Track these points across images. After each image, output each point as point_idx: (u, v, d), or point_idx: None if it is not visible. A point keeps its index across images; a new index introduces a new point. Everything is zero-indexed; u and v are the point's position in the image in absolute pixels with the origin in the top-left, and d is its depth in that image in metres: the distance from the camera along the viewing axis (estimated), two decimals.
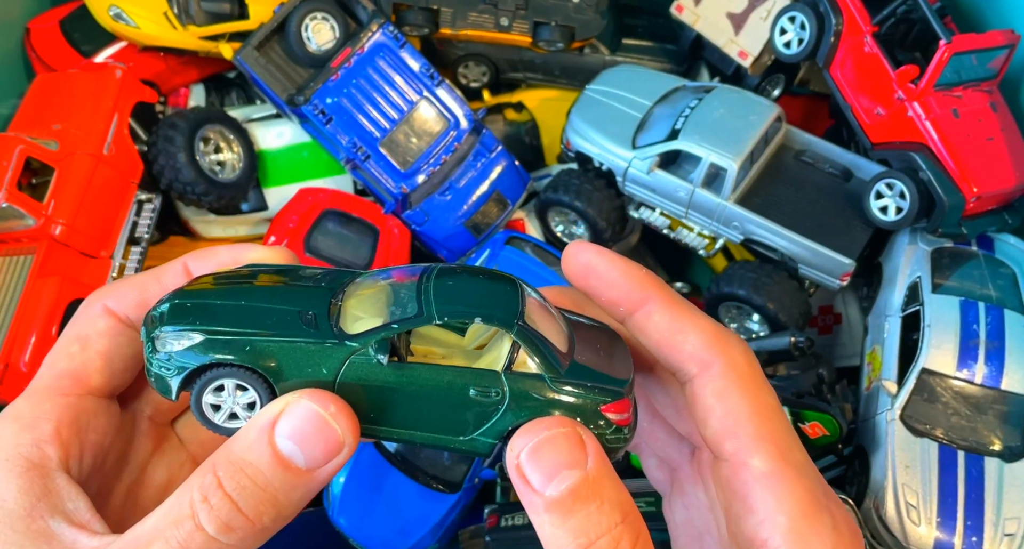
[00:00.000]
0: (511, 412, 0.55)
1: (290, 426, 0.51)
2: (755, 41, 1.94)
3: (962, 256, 1.73)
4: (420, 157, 1.98)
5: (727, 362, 0.57)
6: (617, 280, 0.60)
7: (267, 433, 0.51)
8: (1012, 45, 1.67)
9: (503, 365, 0.55)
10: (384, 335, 0.53)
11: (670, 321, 0.59)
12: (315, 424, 0.52)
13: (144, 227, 1.88)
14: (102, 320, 0.62)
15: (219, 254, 0.64)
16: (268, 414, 0.52)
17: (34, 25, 2.10)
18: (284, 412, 0.52)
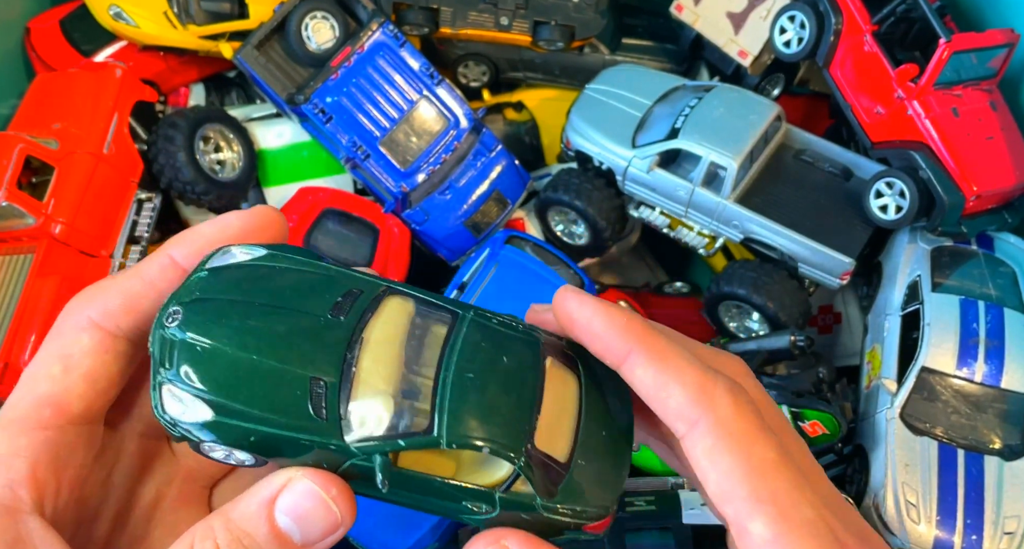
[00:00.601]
0: (497, 521, 0.55)
1: (291, 503, 0.51)
2: (755, 40, 1.94)
3: (962, 255, 1.73)
4: (420, 156, 1.98)
5: (714, 418, 0.52)
6: (599, 332, 0.56)
7: (267, 507, 0.51)
8: (1012, 44, 1.67)
9: (501, 488, 0.53)
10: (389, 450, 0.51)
11: (653, 376, 0.54)
12: (316, 504, 0.51)
13: (144, 226, 1.89)
14: (86, 335, 0.55)
15: (203, 235, 0.58)
16: (270, 488, 0.52)
17: (34, 24, 2.10)
18: (286, 488, 0.51)
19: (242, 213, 0.59)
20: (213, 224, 0.59)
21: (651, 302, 2.20)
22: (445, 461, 0.55)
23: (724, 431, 0.52)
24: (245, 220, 0.59)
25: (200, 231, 0.58)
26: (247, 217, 0.59)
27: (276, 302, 0.54)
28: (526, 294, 1.87)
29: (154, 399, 0.52)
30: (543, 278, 1.89)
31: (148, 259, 0.59)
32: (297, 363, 0.52)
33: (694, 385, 0.54)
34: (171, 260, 0.58)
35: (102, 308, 0.56)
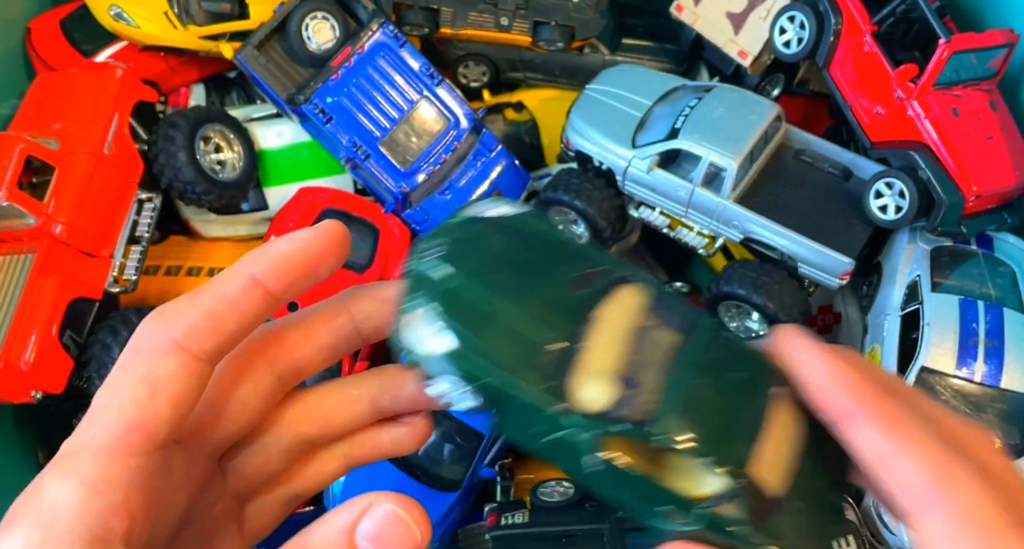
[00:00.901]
0: (687, 535, 0.52)
1: (372, 528, 0.49)
2: (755, 41, 1.94)
3: (961, 255, 1.73)
4: (420, 156, 1.98)
5: (955, 503, 0.48)
6: (822, 383, 0.53)
7: (348, 534, 0.49)
8: (1011, 44, 1.67)
9: (707, 504, 0.51)
10: (602, 431, 0.50)
11: (882, 445, 0.50)
12: (398, 529, 0.50)
13: (144, 226, 1.89)
14: (172, 359, 0.53)
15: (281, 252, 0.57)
16: (351, 513, 0.50)
17: (35, 25, 2.10)
18: (368, 513, 0.50)
19: (315, 230, 0.59)
20: (289, 241, 0.58)
21: None
22: (650, 462, 0.53)
23: (968, 520, 0.48)
24: (319, 236, 0.58)
25: (277, 248, 0.57)
26: (321, 234, 0.58)
27: (526, 260, 0.55)
28: None
29: (396, 325, 0.53)
30: None
31: (227, 277, 0.57)
32: (537, 322, 0.52)
33: (932, 463, 0.50)
34: (253, 280, 0.56)
35: (187, 329, 0.54)
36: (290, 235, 0.58)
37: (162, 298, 1.90)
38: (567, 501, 1.36)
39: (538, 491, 1.45)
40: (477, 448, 1.76)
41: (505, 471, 1.83)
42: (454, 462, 1.78)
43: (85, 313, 1.72)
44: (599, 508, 1.32)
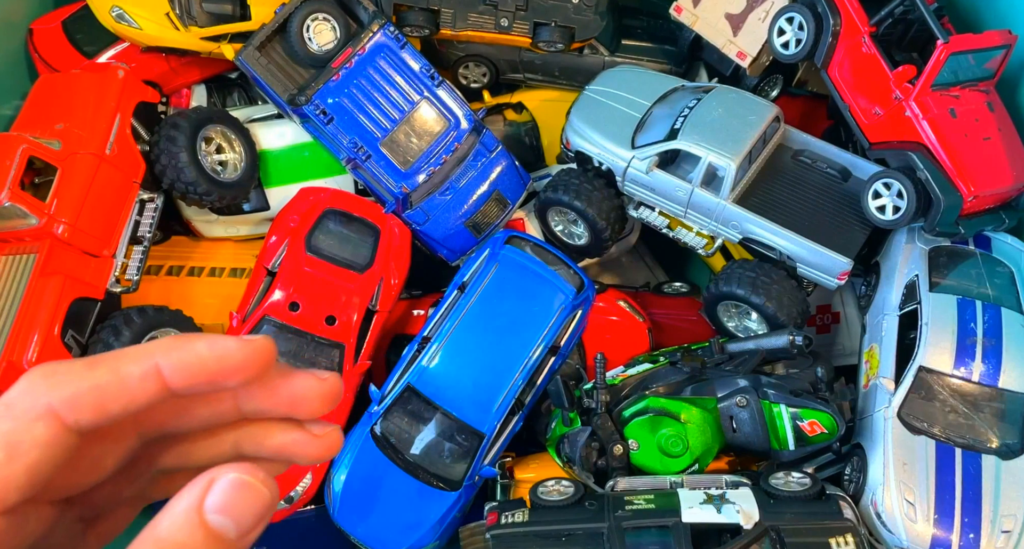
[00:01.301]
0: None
1: (219, 500, 0.49)
2: (753, 42, 1.95)
3: (959, 255, 1.74)
4: (421, 157, 1.99)
5: None
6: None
7: (196, 513, 0.49)
8: (1009, 45, 1.68)
9: None
10: None
11: None
12: (245, 493, 0.50)
13: (146, 226, 1.89)
14: (42, 425, 0.51)
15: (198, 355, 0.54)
16: (193, 493, 0.49)
17: (37, 26, 2.11)
18: (211, 488, 0.50)
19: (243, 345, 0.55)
20: (211, 347, 0.55)
21: (650, 302, 2.21)
22: None
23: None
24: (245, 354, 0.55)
25: (195, 349, 0.54)
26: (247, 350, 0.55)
27: None
28: (526, 294, 1.88)
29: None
30: (543, 278, 1.90)
31: (132, 358, 0.54)
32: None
33: None
34: (156, 371, 0.54)
35: (69, 399, 0.51)
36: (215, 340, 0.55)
37: (164, 298, 1.91)
38: (567, 500, 1.37)
39: (538, 490, 1.46)
40: (477, 448, 1.77)
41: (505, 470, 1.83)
42: (454, 462, 1.79)
43: (87, 313, 1.73)
44: (599, 507, 1.33)
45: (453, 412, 1.78)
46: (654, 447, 1.61)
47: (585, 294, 1.93)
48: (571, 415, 1.68)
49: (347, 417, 1.87)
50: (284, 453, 0.59)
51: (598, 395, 1.64)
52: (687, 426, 1.60)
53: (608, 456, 1.63)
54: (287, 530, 1.89)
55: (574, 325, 1.91)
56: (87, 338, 1.73)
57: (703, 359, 1.73)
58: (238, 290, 1.95)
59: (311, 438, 0.59)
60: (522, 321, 1.84)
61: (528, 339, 1.82)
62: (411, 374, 1.80)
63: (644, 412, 1.64)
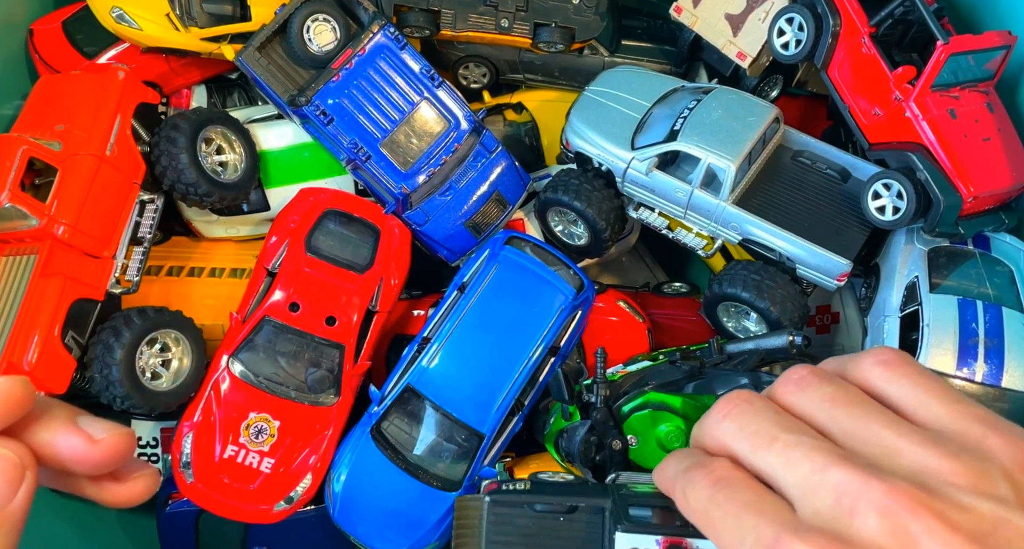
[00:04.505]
0: None
1: None
2: (753, 42, 1.95)
3: (959, 255, 1.74)
4: (421, 157, 1.99)
5: (682, 504, 0.57)
6: None
7: None
8: (1008, 46, 1.67)
9: None
10: None
11: None
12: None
13: (146, 227, 1.89)
14: None
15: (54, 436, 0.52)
16: None
17: (37, 27, 2.11)
18: None
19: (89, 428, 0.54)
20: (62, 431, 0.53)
21: (650, 302, 2.21)
22: None
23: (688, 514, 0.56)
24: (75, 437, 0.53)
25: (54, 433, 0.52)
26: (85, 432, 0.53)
27: None
28: (526, 295, 1.88)
29: None
30: (543, 279, 1.90)
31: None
32: None
33: (672, 488, 0.59)
34: None
35: None
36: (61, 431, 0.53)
37: (165, 298, 1.91)
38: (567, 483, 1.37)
39: (538, 474, 1.46)
40: (477, 448, 1.77)
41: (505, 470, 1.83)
42: (454, 462, 1.79)
43: (87, 313, 1.73)
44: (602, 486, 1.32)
45: (453, 413, 1.78)
46: (653, 442, 1.61)
47: (585, 294, 1.93)
48: (571, 409, 1.68)
49: (347, 418, 1.87)
50: (81, 492, 0.56)
51: (598, 389, 1.64)
52: (686, 422, 1.60)
53: (607, 451, 1.63)
54: (287, 530, 1.89)
55: (574, 325, 1.91)
56: (87, 339, 1.73)
57: (702, 359, 1.74)
58: (238, 290, 1.95)
59: (112, 481, 0.55)
60: (522, 321, 1.84)
61: (528, 339, 1.82)
62: (411, 375, 1.80)
63: (643, 407, 1.64)
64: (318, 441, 1.82)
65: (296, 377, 1.82)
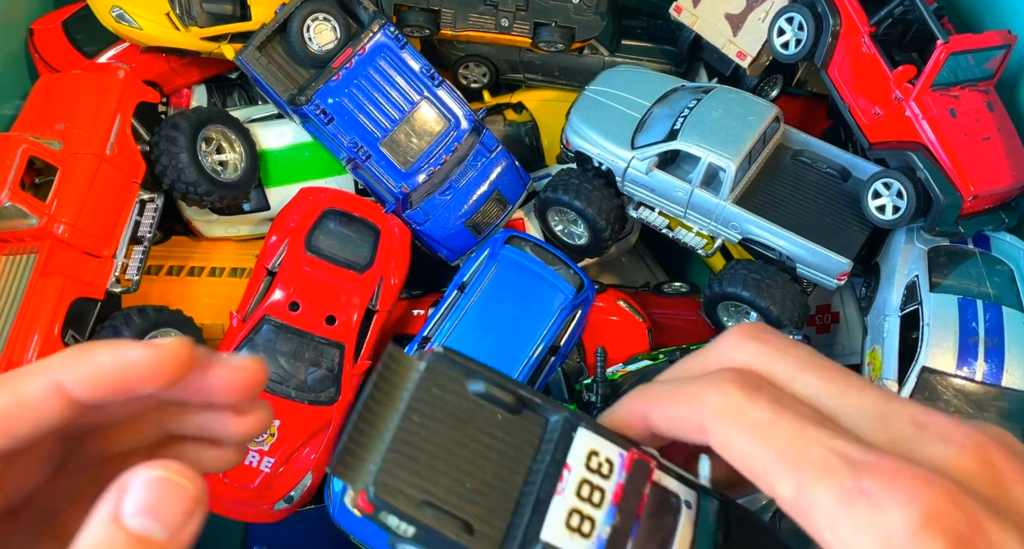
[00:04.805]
0: None
1: (136, 502, 0.46)
2: (753, 42, 1.95)
3: (959, 255, 1.74)
4: (421, 157, 1.99)
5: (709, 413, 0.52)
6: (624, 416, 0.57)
7: (113, 521, 0.46)
8: (1008, 45, 1.68)
9: None
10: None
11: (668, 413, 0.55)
12: (163, 490, 0.47)
13: (146, 227, 1.89)
14: None
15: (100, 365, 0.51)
16: (108, 502, 0.47)
17: (37, 26, 2.11)
18: (125, 492, 0.47)
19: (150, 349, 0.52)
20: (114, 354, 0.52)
21: (650, 302, 2.21)
22: None
23: (719, 422, 0.51)
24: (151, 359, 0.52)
25: (97, 359, 0.52)
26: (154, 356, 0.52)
27: None
28: (526, 294, 1.88)
29: None
30: (543, 278, 1.90)
31: (30, 377, 0.51)
32: None
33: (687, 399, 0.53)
34: (56, 387, 0.51)
35: None
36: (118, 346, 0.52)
37: (164, 298, 1.91)
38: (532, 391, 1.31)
39: None
40: None
41: None
42: None
43: (87, 313, 1.73)
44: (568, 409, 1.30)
45: None
46: None
47: (585, 294, 1.93)
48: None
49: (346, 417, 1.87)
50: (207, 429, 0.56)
51: (598, 388, 1.64)
52: None
53: None
54: (287, 530, 1.89)
55: (574, 325, 1.91)
56: (87, 338, 1.73)
57: None
58: (238, 290, 1.95)
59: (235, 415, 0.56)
60: (522, 321, 1.84)
61: (528, 339, 1.82)
62: None
63: None
64: (318, 440, 1.82)
65: (296, 376, 1.82)
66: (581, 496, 0.53)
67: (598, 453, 0.56)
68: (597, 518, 0.53)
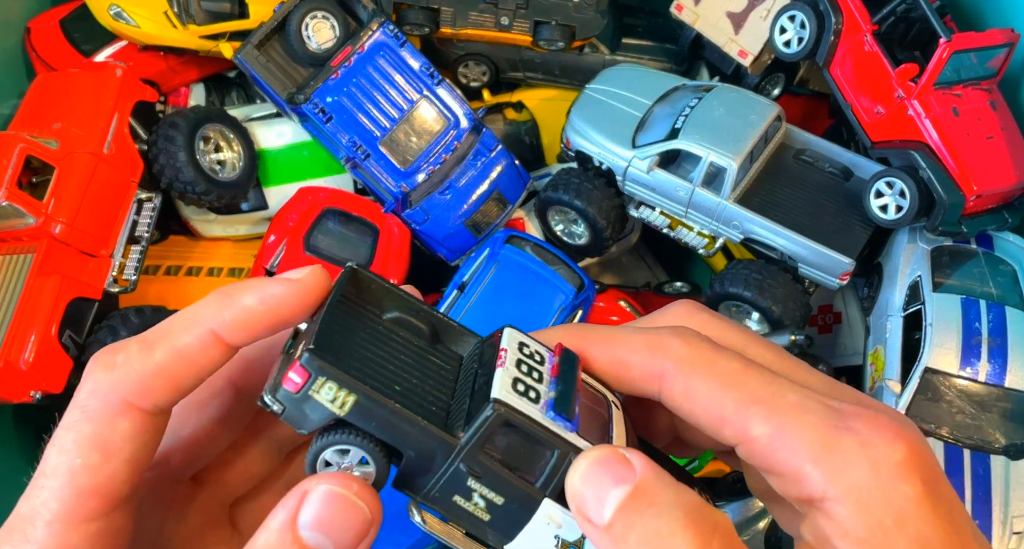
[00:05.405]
0: None
1: (313, 515, 0.48)
2: (755, 40, 1.94)
3: (962, 254, 1.73)
4: (420, 156, 1.98)
5: (674, 361, 0.53)
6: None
7: (290, 530, 0.48)
8: (1012, 44, 1.67)
9: None
10: None
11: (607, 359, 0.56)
12: (341, 507, 0.49)
13: (144, 226, 1.88)
14: (124, 420, 0.51)
15: (247, 309, 0.53)
16: (288, 508, 0.48)
17: (34, 24, 2.10)
18: (304, 502, 0.48)
19: (288, 282, 0.54)
20: (258, 294, 0.53)
21: (651, 302, 2.20)
22: None
23: (688, 367, 0.52)
24: (293, 291, 0.54)
25: (243, 303, 0.53)
26: (295, 288, 0.54)
27: None
28: (526, 294, 1.87)
29: None
30: (543, 278, 1.89)
31: (184, 328, 0.53)
32: None
33: (644, 345, 0.55)
34: (213, 336, 0.53)
35: (139, 389, 0.51)
36: (259, 287, 0.54)
37: (162, 297, 1.90)
38: None
39: None
40: None
41: None
42: None
43: (85, 313, 1.72)
44: None
45: None
46: None
47: (585, 294, 1.92)
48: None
49: None
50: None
51: None
52: None
53: None
54: None
55: None
56: (85, 338, 1.72)
57: None
58: None
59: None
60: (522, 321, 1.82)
61: None
62: None
63: None
64: None
65: None
66: (521, 371, 0.54)
67: (528, 345, 0.57)
68: (541, 389, 0.53)
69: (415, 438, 0.51)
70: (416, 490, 0.55)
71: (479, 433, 0.51)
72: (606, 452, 0.49)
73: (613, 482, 0.48)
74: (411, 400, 0.52)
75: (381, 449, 0.52)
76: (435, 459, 0.52)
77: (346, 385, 0.50)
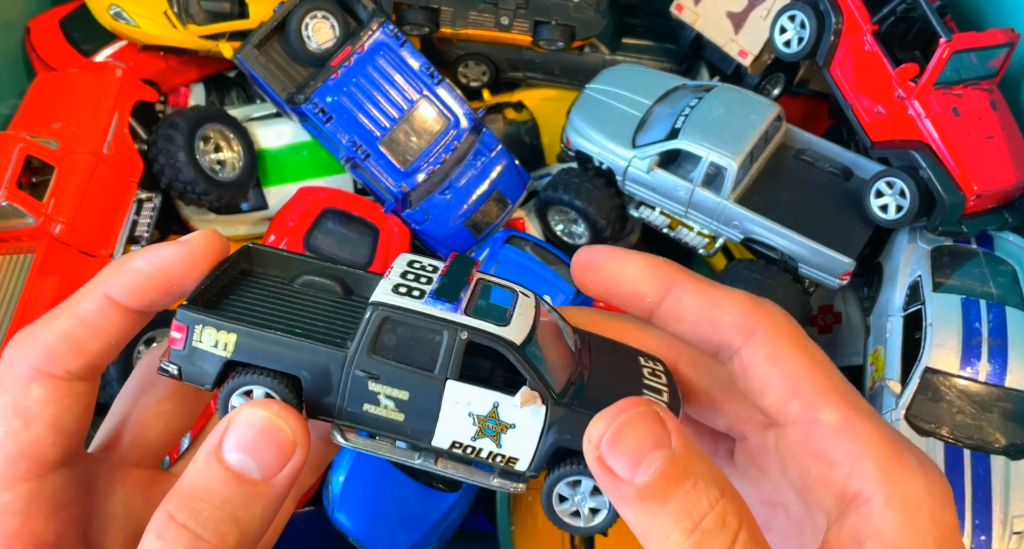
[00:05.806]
0: None
1: (236, 438, 0.49)
2: (755, 40, 1.94)
3: (962, 254, 1.73)
4: (420, 156, 1.98)
5: (772, 325, 0.55)
6: (639, 273, 0.60)
7: (215, 453, 0.49)
8: (1012, 43, 1.67)
9: None
10: None
11: (703, 298, 0.58)
12: (263, 428, 0.49)
13: (144, 226, 1.88)
14: (36, 385, 0.53)
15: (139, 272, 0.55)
16: (214, 435, 0.50)
17: (34, 24, 2.10)
18: (229, 428, 0.50)
19: (178, 244, 0.57)
20: (147, 257, 0.56)
21: None
22: None
23: (784, 335, 0.55)
24: (182, 252, 0.56)
25: (132, 266, 0.56)
26: (184, 248, 0.56)
27: None
28: None
29: None
30: (543, 278, 1.88)
31: (82, 296, 0.55)
32: None
33: (746, 300, 0.57)
34: (107, 300, 0.55)
35: (45, 355, 0.54)
36: (150, 251, 0.56)
37: None
38: None
39: None
40: None
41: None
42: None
43: None
44: None
45: None
46: None
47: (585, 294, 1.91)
48: None
49: None
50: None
51: None
52: None
53: None
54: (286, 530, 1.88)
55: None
56: None
57: None
58: None
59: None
60: None
61: None
62: None
63: None
64: None
65: None
66: (407, 279, 0.56)
67: (419, 262, 0.60)
68: (425, 289, 0.56)
69: (305, 359, 0.53)
70: (328, 412, 0.56)
71: (363, 335, 0.53)
72: (645, 408, 0.49)
73: (651, 443, 0.47)
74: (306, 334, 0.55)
75: (281, 380, 0.54)
76: (331, 375, 0.54)
77: (223, 327, 0.53)
